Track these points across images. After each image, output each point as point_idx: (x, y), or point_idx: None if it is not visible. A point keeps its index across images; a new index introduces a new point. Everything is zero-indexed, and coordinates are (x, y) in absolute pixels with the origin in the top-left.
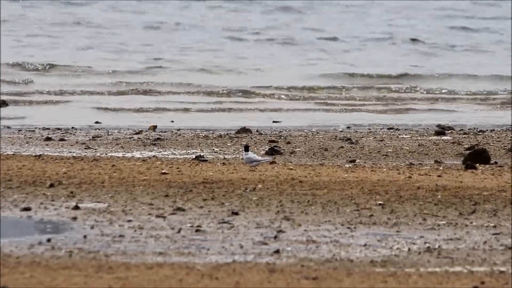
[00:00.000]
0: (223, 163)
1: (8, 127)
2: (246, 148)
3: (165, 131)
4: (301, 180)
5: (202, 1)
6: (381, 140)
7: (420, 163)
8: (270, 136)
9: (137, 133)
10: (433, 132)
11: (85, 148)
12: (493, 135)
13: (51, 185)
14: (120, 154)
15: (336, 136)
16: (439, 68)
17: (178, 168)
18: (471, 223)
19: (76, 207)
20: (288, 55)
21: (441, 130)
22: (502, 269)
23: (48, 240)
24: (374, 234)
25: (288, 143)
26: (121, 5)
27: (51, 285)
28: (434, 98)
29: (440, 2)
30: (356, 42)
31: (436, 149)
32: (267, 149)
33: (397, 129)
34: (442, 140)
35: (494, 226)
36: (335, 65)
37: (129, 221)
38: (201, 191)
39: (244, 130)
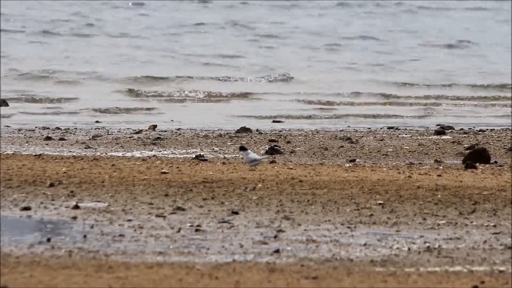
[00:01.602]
0: (223, 163)
1: (8, 126)
2: (241, 148)
3: (165, 131)
4: (301, 179)
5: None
6: (381, 140)
7: (420, 163)
8: (270, 136)
9: (137, 133)
10: (433, 131)
11: (85, 148)
12: (493, 134)
13: (51, 185)
14: (120, 154)
15: (336, 136)
16: None
17: (178, 167)
18: (471, 222)
19: (76, 207)
20: None
21: (441, 130)
22: (502, 268)
23: (48, 240)
24: (374, 234)
25: (288, 142)
26: None
27: (50, 284)
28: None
29: None
30: None
31: (436, 149)
32: (267, 149)
33: (397, 128)
34: (442, 139)
35: (494, 226)
36: None
37: (129, 220)
38: (201, 191)
39: (244, 130)
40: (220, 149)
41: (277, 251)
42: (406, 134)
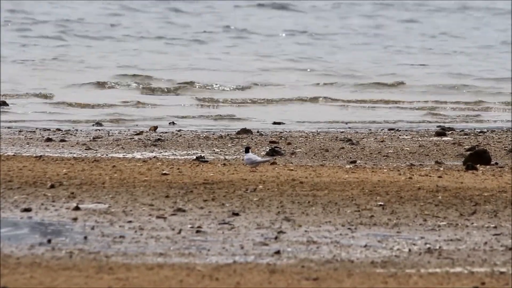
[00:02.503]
0: (224, 164)
1: (9, 127)
2: (247, 149)
3: (165, 132)
4: (302, 181)
5: None
6: (381, 141)
7: (420, 164)
8: (271, 137)
9: (137, 134)
10: (434, 133)
11: (85, 149)
12: (494, 135)
13: (52, 186)
14: (121, 155)
15: (336, 137)
16: None
17: (178, 168)
18: (472, 223)
19: (77, 208)
20: None
21: (442, 131)
22: (503, 269)
23: (49, 241)
24: (374, 235)
25: (289, 144)
26: None
27: (51, 285)
28: None
29: None
30: None
31: (436, 150)
32: (267, 150)
33: (397, 130)
34: (443, 141)
35: (495, 227)
36: None
37: (130, 222)
38: (202, 192)
39: (245, 131)
40: (220, 151)
41: (277, 252)
42: (406, 136)
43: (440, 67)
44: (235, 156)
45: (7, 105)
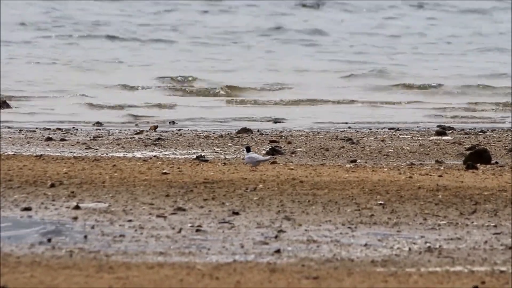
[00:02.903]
0: (224, 163)
1: (9, 127)
2: (247, 149)
3: (166, 131)
4: (302, 180)
5: None
6: (382, 140)
7: (421, 163)
8: (271, 136)
9: (138, 133)
10: (434, 132)
11: (86, 148)
12: (494, 135)
13: (52, 185)
14: (121, 154)
15: (337, 136)
16: None
17: (179, 168)
18: (472, 223)
19: (77, 207)
20: None
21: (442, 130)
22: (503, 268)
23: (49, 240)
24: (374, 234)
25: (289, 143)
26: None
27: (51, 284)
28: None
29: None
30: None
31: (437, 149)
32: (268, 149)
33: (398, 129)
34: (443, 140)
35: (495, 226)
36: None
37: (130, 221)
38: (202, 191)
39: (245, 130)
40: (221, 150)
41: (278, 251)
42: (406, 135)
43: (477, 69)
44: (235, 155)
45: (8, 105)
